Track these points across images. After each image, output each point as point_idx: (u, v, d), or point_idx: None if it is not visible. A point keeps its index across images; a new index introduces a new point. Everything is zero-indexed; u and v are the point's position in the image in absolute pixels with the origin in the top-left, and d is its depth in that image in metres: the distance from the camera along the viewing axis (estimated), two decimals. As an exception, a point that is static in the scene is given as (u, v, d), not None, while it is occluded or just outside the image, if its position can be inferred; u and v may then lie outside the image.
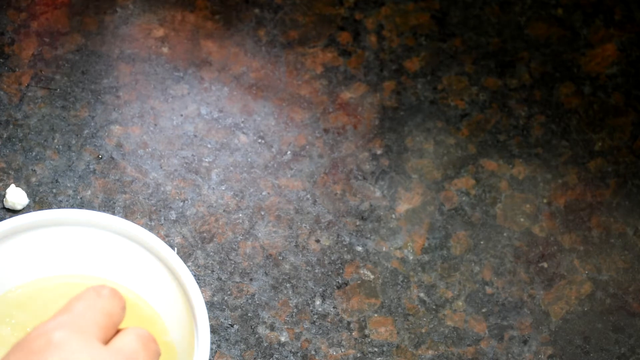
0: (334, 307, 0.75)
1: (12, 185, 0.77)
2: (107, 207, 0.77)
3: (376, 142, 0.83)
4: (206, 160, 0.81)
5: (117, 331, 0.49)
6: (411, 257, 0.78)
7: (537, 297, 0.77)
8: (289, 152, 0.82)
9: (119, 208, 0.78)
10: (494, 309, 0.76)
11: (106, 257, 0.65)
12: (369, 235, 0.78)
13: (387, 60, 0.86)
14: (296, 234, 0.78)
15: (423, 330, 0.75)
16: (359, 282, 0.77)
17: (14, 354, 0.45)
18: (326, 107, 0.84)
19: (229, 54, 0.86)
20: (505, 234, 0.80)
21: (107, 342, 0.47)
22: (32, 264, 0.66)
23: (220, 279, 0.76)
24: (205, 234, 0.77)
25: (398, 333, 0.75)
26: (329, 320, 0.75)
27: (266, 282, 0.76)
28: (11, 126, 0.80)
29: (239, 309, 0.75)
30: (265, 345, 0.73)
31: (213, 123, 0.82)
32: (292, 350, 0.73)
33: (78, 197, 0.78)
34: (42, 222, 0.64)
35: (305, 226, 0.79)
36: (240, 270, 0.76)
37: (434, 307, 0.76)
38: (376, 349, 0.74)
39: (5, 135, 0.80)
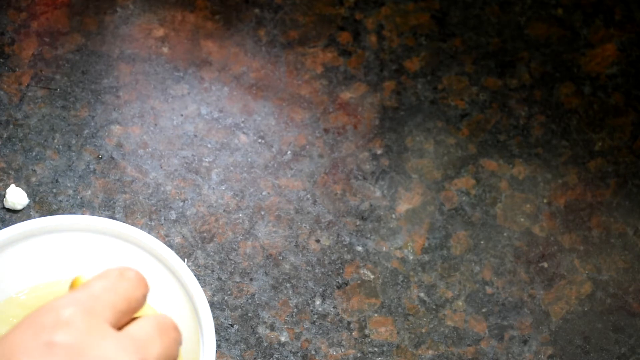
0: (334, 307, 0.75)
1: (12, 185, 0.77)
2: (107, 207, 0.77)
3: (376, 142, 0.83)
4: (206, 160, 0.81)
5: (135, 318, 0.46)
6: (411, 257, 0.78)
7: (537, 297, 0.77)
8: (289, 152, 0.82)
9: (119, 208, 0.78)
10: (494, 309, 0.76)
11: (109, 261, 0.65)
12: (369, 235, 0.78)
13: (387, 60, 0.86)
14: (296, 234, 0.78)
15: (423, 330, 0.75)
16: (359, 282, 0.77)
17: (23, 325, 0.43)
18: (326, 107, 0.84)
19: (229, 54, 0.86)
20: (505, 234, 0.79)
21: (120, 327, 0.45)
22: (37, 270, 0.66)
23: (220, 279, 0.76)
24: (205, 234, 0.77)
25: (398, 333, 0.75)
26: (329, 320, 0.75)
27: (266, 282, 0.76)
28: (11, 126, 0.80)
29: (239, 309, 0.75)
30: (265, 345, 0.73)
31: (213, 123, 0.82)
32: (292, 350, 0.73)
33: (78, 197, 0.78)
34: (46, 228, 0.63)
35: (305, 226, 0.78)
36: (240, 270, 0.76)
37: (434, 307, 0.76)
38: (376, 349, 0.74)
39: (5, 135, 0.80)
